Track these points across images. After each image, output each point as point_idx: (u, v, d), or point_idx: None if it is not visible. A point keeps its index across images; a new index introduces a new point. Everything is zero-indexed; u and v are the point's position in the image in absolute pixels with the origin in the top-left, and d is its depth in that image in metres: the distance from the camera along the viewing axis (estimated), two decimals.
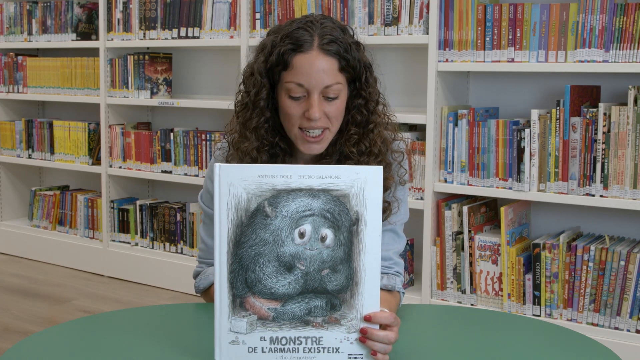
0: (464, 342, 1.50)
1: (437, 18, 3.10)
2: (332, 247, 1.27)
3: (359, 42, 1.63)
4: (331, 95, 1.56)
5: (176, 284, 3.99)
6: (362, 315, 1.29)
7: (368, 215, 1.27)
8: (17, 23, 4.59)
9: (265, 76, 1.60)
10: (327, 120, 1.58)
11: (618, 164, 2.78)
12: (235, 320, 1.29)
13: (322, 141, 1.60)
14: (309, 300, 1.28)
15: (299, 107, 1.57)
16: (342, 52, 1.56)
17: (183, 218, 4.01)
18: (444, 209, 3.16)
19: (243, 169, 1.27)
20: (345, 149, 1.63)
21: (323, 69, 1.54)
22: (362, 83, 1.62)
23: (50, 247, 4.54)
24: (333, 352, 1.30)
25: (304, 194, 1.27)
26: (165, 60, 4.10)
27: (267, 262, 1.27)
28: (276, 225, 1.26)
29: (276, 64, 1.57)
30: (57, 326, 1.60)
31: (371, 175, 1.28)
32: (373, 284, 1.29)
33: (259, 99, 1.60)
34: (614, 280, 2.82)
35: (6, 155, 4.73)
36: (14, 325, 3.45)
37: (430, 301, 3.23)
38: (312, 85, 1.55)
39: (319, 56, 1.55)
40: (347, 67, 1.58)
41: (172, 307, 1.74)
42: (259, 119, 1.61)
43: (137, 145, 4.11)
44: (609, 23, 2.77)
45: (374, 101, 1.65)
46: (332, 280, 1.28)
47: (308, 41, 1.55)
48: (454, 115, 3.12)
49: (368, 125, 1.63)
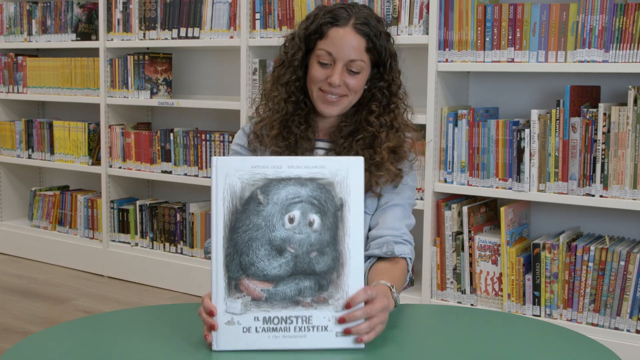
0: (464, 342, 1.50)
1: (437, 18, 3.10)
2: (319, 231, 1.38)
3: (390, 34, 1.82)
4: (354, 69, 1.75)
5: (176, 284, 3.99)
6: (348, 295, 1.38)
7: (351, 201, 1.39)
8: (17, 23, 4.59)
9: (304, 41, 1.80)
10: (345, 89, 1.76)
11: (618, 164, 2.78)
12: (231, 301, 1.37)
13: (339, 104, 1.78)
14: (299, 281, 1.37)
15: (324, 72, 1.76)
16: (371, 35, 1.75)
17: (183, 218, 4.01)
18: (444, 209, 3.16)
19: (238, 161, 1.39)
20: (368, 117, 1.78)
21: (352, 44, 1.74)
22: (387, 68, 1.80)
23: (50, 247, 4.54)
24: (322, 331, 1.38)
25: (292, 182, 1.38)
26: (165, 61, 4.10)
27: (260, 246, 1.36)
28: (268, 212, 1.36)
29: (314, 32, 1.77)
30: (57, 326, 1.60)
31: (353, 165, 1.40)
32: (357, 265, 1.39)
33: (295, 59, 1.80)
34: (614, 280, 2.82)
35: (6, 155, 4.73)
36: (13, 325, 3.45)
37: (430, 301, 3.23)
38: (339, 55, 1.74)
39: (351, 32, 1.74)
40: (373, 49, 1.76)
41: (172, 307, 1.74)
42: (291, 76, 1.81)
43: (137, 146, 4.11)
44: (609, 23, 2.77)
45: (397, 85, 1.83)
46: (320, 262, 1.37)
47: (345, 18, 1.75)
48: (453, 116, 3.12)
49: (390, 104, 1.81)
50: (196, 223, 3.95)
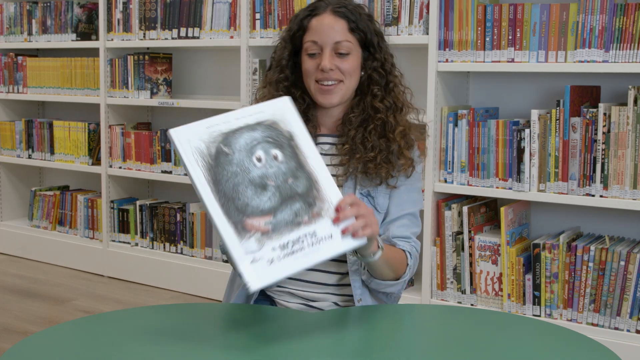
0: (464, 342, 1.50)
1: (437, 18, 3.10)
2: (285, 161, 1.52)
3: (371, 16, 1.85)
4: (342, 51, 1.77)
5: (176, 284, 3.99)
6: (334, 203, 1.51)
7: (296, 131, 1.56)
8: (17, 23, 4.59)
9: (289, 41, 1.84)
10: (340, 74, 1.78)
11: (618, 164, 2.78)
12: (245, 242, 1.44)
13: (336, 92, 1.79)
14: (290, 205, 1.49)
15: (315, 63, 1.78)
16: (350, 16, 1.78)
17: (183, 218, 4.01)
18: (444, 209, 3.16)
19: (192, 127, 1.50)
20: (372, 104, 1.81)
21: (333, 27, 1.77)
22: (375, 47, 1.82)
23: (50, 247, 4.54)
24: (328, 239, 1.50)
25: (245, 129, 1.52)
26: (165, 61, 4.10)
27: (245, 188, 1.48)
28: (237, 159, 1.49)
29: (297, 29, 1.81)
30: (57, 326, 1.60)
31: (284, 104, 1.58)
32: (326, 176, 1.54)
33: (281, 58, 1.85)
34: (614, 280, 2.82)
35: (6, 155, 4.73)
36: (14, 325, 3.45)
37: (430, 301, 3.23)
38: (323, 40, 1.77)
39: (330, 16, 1.78)
40: (356, 29, 1.79)
41: (172, 307, 1.74)
42: (279, 75, 1.84)
43: (137, 146, 4.11)
44: (609, 23, 2.77)
45: (390, 62, 1.85)
46: (299, 185, 1.51)
47: (322, 7, 1.80)
48: (454, 116, 3.12)
49: (388, 85, 1.83)
50: (196, 223, 3.95)
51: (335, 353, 1.41)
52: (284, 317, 1.63)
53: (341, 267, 1.78)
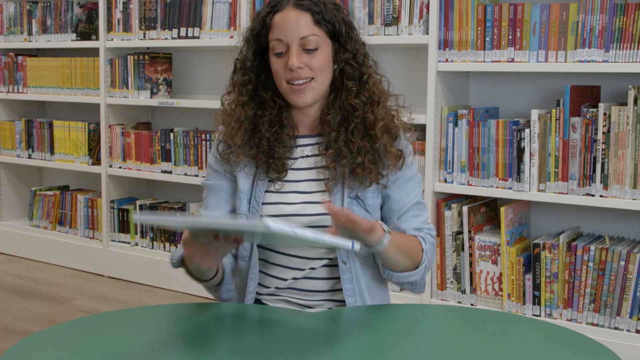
0: (464, 342, 1.50)
1: (437, 18, 3.10)
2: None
3: (338, 5, 1.74)
4: (310, 46, 1.68)
5: (176, 284, 3.99)
6: None
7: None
8: (17, 23, 4.59)
9: (253, 41, 1.74)
10: (310, 71, 1.68)
11: (618, 164, 2.78)
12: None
13: (308, 91, 1.70)
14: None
15: (283, 62, 1.69)
16: (314, 7, 1.68)
17: None
18: (444, 209, 3.16)
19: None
20: (348, 101, 1.72)
21: (297, 22, 1.67)
22: (345, 37, 1.72)
23: (50, 247, 4.54)
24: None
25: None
26: (165, 60, 4.10)
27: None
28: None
29: (260, 28, 1.71)
30: (56, 326, 1.60)
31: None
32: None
33: (246, 60, 1.76)
34: (614, 280, 2.82)
35: (6, 155, 4.73)
36: (13, 325, 3.45)
37: (430, 301, 3.23)
38: (288, 37, 1.67)
39: (292, 11, 1.68)
40: (322, 21, 1.69)
41: (172, 307, 1.74)
42: (243, 77, 1.76)
43: (137, 145, 4.11)
44: (609, 23, 2.77)
45: (362, 54, 1.74)
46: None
47: (284, 2, 1.70)
48: (454, 115, 3.11)
49: (362, 77, 1.73)
50: None
51: (334, 353, 1.40)
52: (282, 316, 1.63)
53: (334, 272, 1.75)
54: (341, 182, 1.72)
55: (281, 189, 1.74)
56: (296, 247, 1.73)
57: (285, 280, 1.75)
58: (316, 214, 1.71)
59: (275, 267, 1.76)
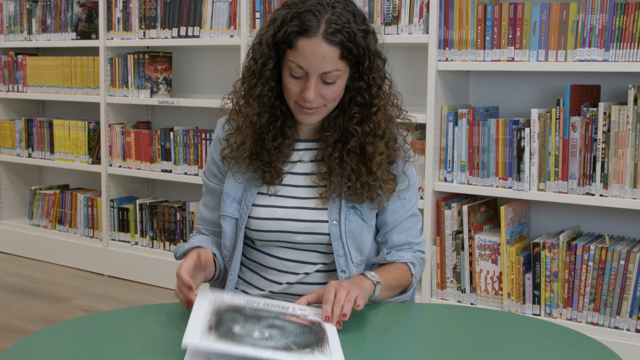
0: (464, 342, 1.50)
1: (437, 17, 3.10)
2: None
3: (368, 30, 1.66)
4: (329, 80, 1.62)
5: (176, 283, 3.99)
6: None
7: None
8: (17, 22, 4.59)
9: (273, 49, 1.64)
10: (322, 100, 1.64)
11: (618, 163, 2.78)
12: None
13: (317, 113, 1.66)
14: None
15: (298, 85, 1.63)
16: (345, 41, 1.60)
17: (183, 217, 4.01)
18: (444, 208, 3.16)
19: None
20: (349, 127, 1.68)
21: (324, 57, 1.59)
22: (365, 68, 1.66)
23: (50, 246, 4.54)
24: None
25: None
26: (165, 60, 4.10)
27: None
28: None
29: (282, 41, 1.62)
30: (56, 325, 1.60)
31: None
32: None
33: (265, 69, 1.66)
34: (614, 279, 2.82)
35: (6, 154, 4.73)
36: (13, 325, 3.45)
37: (430, 300, 3.23)
38: (311, 69, 1.60)
39: (322, 44, 1.58)
40: (348, 55, 1.62)
41: (172, 306, 1.74)
42: (263, 88, 1.67)
43: (137, 145, 4.11)
44: (609, 22, 2.77)
45: (377, 85, 1.68)
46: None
47: (314, 27, 1.58)
48: (454, 115, 3.11)
49: (371, 108, 1.68)
50: (196, 222, 3.95)
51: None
52: None
53: (329, 278, 1.74)
54: (338, 192, 1.70)
55: (277, 193, 1.74)
56: None
57: (281, 284, 1.75)
58: (310, 220, 1.70)
59: (270, 270, 1.76)
